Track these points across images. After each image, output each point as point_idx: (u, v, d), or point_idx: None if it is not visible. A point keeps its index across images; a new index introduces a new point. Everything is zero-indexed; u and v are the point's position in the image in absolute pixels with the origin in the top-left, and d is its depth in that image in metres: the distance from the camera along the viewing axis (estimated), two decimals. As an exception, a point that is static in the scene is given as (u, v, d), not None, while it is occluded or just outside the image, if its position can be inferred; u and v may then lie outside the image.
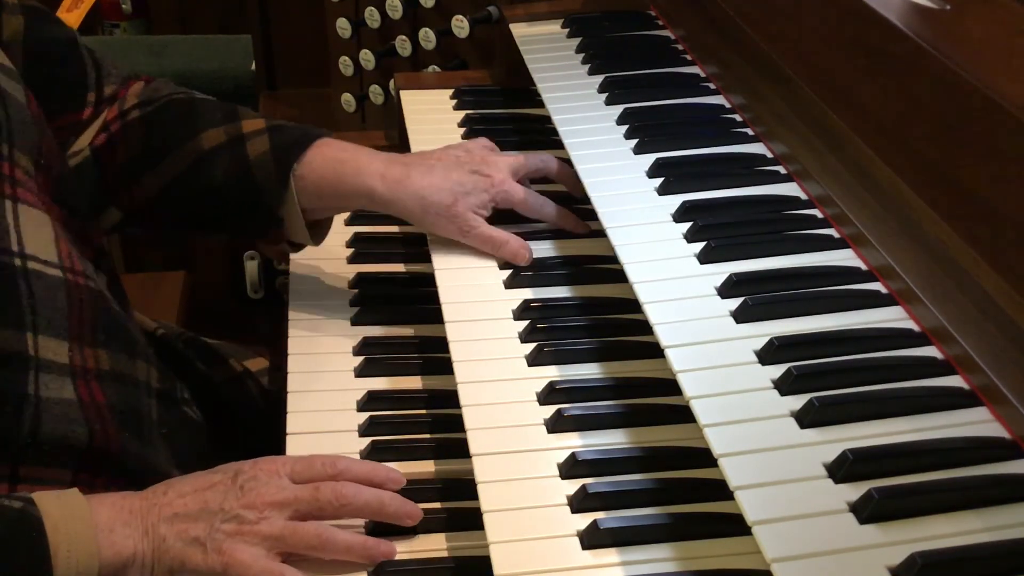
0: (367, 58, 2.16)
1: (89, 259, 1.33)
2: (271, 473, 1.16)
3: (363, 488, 1.17)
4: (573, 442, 1.19)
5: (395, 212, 1.48)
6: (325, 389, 1.41)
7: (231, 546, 1.11)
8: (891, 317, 1.15)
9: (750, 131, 1.48)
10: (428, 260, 1.51)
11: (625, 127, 1.52)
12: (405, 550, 1.19)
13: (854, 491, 0.95)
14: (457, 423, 1.24)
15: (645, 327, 1.20)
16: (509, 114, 1.85)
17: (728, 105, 1.56)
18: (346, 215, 1.74)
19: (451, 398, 1.29)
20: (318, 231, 1.54)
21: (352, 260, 1.65)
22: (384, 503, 1.17)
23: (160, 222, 1.57)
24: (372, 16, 2.15)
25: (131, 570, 1.12)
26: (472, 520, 1.14)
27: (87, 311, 1.26)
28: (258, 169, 1.45)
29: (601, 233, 1.35)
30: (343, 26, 2.19)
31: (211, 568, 1.11)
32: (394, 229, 1.71)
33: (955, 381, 1.06)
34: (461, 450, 1.21)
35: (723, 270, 1.23)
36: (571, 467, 1.15)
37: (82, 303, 1.26)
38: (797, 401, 1.04)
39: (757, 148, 1.45)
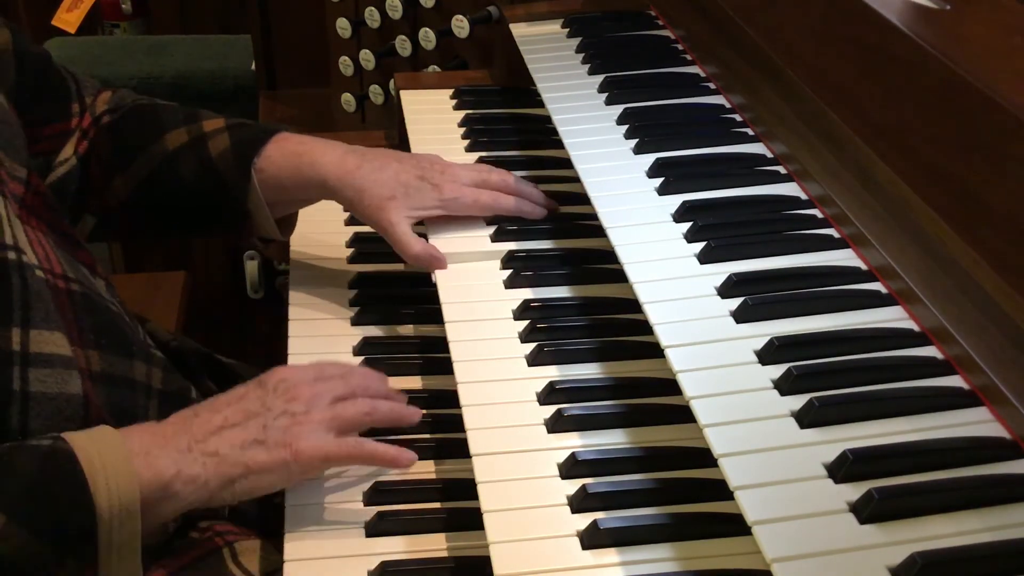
0: (367, 58, 2.16)
1: (84, 263, 1.33)
2: (298, 373, 1.25)
3: (377, 376, 1.32)
4: (573, 442, 1.19)
5: (339, 200, 1.52)
6: (325, 389, 1.41)
7: (294, 436, 1.17)
8: (891, 317, 1.15)
9: (750, 131, 1.48)
10: (428, 260, 1.51)
11: (625, 127, 1.52)
12: (405, 550, 1.19)
13: (854, 491, 0.95)
14: (457, 423, 1.24)
15: (645, 327, 1.20)
16: (509, 114, 1.85)
17: (728, 105, 1.56)
18: (346, 215, 1.74)
19: (451, 398, 1.29)
20: (285, 226, 1.58)
21: (352, 260, 1.65)
22: (392, 396, 1.31)
23: (132, 225, 1.60)
24: (372, 16, 2.15)
25: (181, 491, 1.13)
26: (472, 520, 1.14)
27: (80, 312, 1.26)
28: (221, 165, 1.49)
29: (601, 233, 1.35)
30: (343, 26, 2.19)
31: (278, 462, 1.16)
32: (394, 229, 1.71)
33: (955, 381, 1.06)
34: (461, 450, 1.21)
35: (723, 270, 1.23)
36: (571, 467, 1.15)
37: (74, 305, 1.25)
38: (797, 401, 1.05)
39: (757, 148, 1.45)
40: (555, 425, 1.21)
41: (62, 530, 1.05)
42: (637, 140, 1.48)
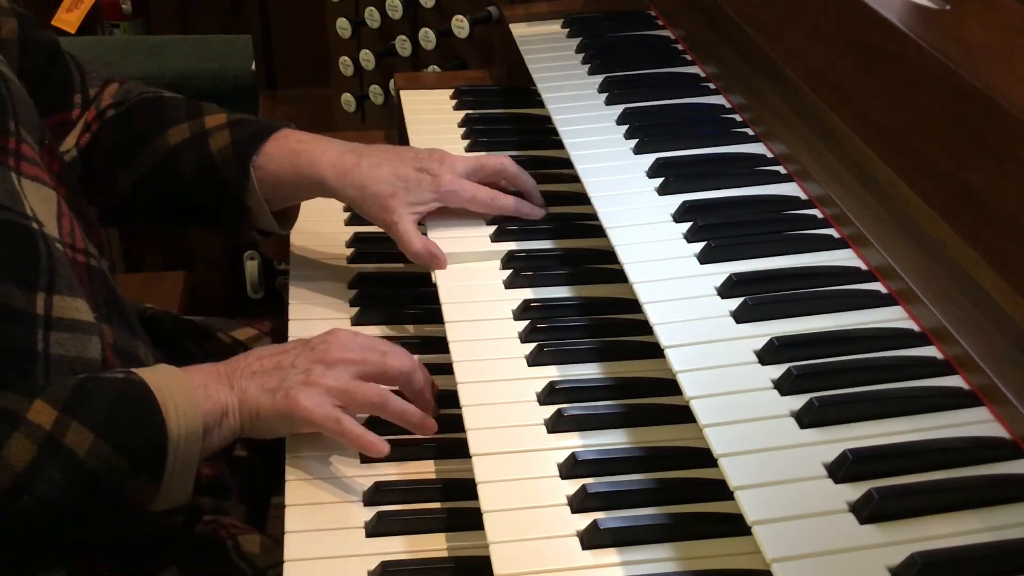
0: (367, 58, 2.16)
1: (94, 241, 1.37)
2: (344, 338, 1.31)
3: (421, 370, 1.32)
4: (573, 442, 1.19)
5: (341, 199, 1.53)
6: (325, 389, 1.41)
7: (296, 393, 1.25)
8: (891, 317, 1.15)
9: (750, 131, 1.48)
10: (428, 260, 1.51)
11: (625, 127, 1.52)
12: (405, 550, 1.19)
13: (854, 491, 0.95)
14: (457, 423, 1.24)
15: (645, 327, 1.20)
16: (509, 114, 1.84)
17: (728, 105, 1.56)
18: (346, 215, 1.74)
19: (451, 398, 1.29)
20: (285, 219, 1.60)
21: (352, 260, 1.65)
22: (430, 392, 1.33)
23: (133, 216, 1.64)
24: (372, 16, 2.15)
25: (226, 422, 1.25)
26: (472, 520, 1.14)
27: (96, 286, 1.31)
28: (221, 162, 1.51)
29: (601, 233, 1.34)
30: (343, 26, 2.19)
31: (278, 411, 1.25)
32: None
33: (955, 381, 1.06)
34: (461, 450, 1.21)
35: (723, 270, 1.23)
36: (571, 467, 1.15)
37: (91, 280, 1.30)
38: (797, 401, 1.04)
39: (757, 148, 1.45)
40: (555, 425, 1.21)
41: (139, 448, 1.17)
42: (637, 140, 1.48)
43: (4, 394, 1.15)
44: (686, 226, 1.30)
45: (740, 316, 1.16)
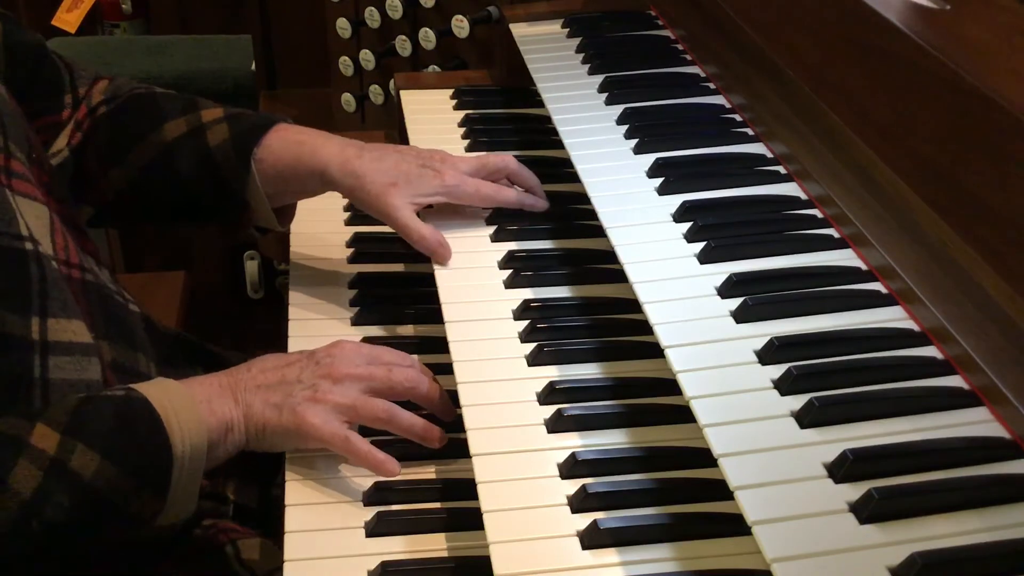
0: (367, 58, 2.16)
1: (90, 252, 1.35)
2: (349, 352, 1.29)
3: (426, 379, 1.31)
4: (573, 442, 1.19)
5: (340, 189, 1.51)
6: (325, 389, 1.41)
7: (304, 409, 1.24)
8: (891, 317, 1.15)
9: (750, 131, 1.48)
10: (428, 260, 1.51)
11: (625, 127, 1.52)
12: (405, 550, 1.19)
13: (854, 491, 0.95)
14: (457, 423, 1.24)
15: (645, 327, 1.20)
16: (509, 114, 1.85)
17: (728, 105, 1.56)
18: (346, 215, 1.74)
19: (451, 398, 1.29)
20: (283, 216, 1.58)
21: (352, 260, 1.65)
22: (439, 397, 1.31)
23: (129, 214, 1.62)
24: (372, 16, 2.15)
25: (230, 436, 1.24)
26: (472, 520, 1.14)
27: (92, 302, 1.29)
28: (220, 156, 1.49)
29: (601, 233, 1.35)
30: (343, 26, 2.19)
31: (285, 427, 1.24)
32: (394, 229, 1.71)
33: (955, 381, 1.06)
34: (461, 450, 1.21)
35: (723, 270, 1.23)
36: (571, 467, 1.15)
37: (87, 295, 1.29)
38: (797, 401, 1.05)
39: (757, 148, 1.45)
40: (555, 425, 1.21)
41: (144, 467, 1.17)
42: (637, 140, 1.48)
43: (5, 419, 1.14)
44: (686, 226, 1.30)
45: (740, 316, 1.16)
